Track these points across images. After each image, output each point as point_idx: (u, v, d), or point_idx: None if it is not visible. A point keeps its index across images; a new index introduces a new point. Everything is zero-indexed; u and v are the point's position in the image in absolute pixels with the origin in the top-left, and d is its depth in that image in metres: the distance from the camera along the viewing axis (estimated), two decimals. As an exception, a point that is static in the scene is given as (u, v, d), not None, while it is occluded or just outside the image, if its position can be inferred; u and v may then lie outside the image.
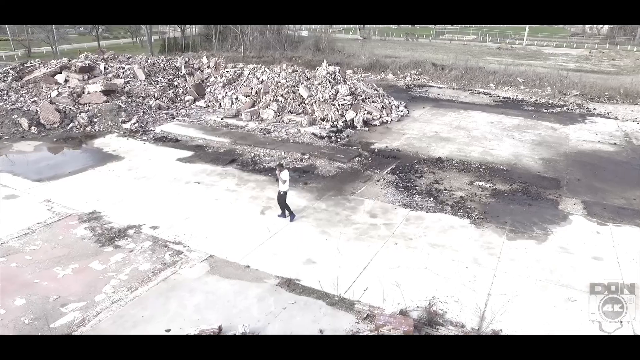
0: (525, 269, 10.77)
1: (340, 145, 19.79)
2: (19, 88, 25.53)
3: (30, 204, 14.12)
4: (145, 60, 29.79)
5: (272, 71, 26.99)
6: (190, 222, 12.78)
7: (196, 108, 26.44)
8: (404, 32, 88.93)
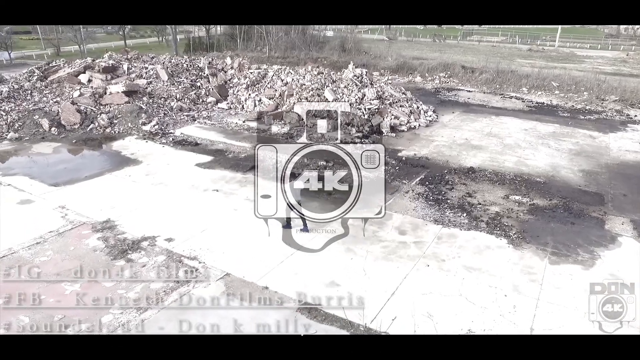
0: (571, 299, 9.69)
1: (367, 152, 18.88)
2: (42, 88, 25.38)
3: (44, 210, 13.63)
4: (169, 60, 29.38)
5: (296, 73, 26.23)
6: (207, 235, 12.06)
7: (218, 110, 25.87)
8: (430, 32, 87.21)
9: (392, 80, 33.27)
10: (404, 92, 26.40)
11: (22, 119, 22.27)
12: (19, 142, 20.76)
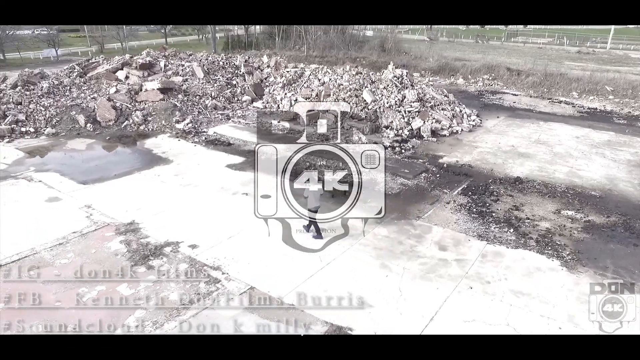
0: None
1: (405, 158, 17.86)
2: (81, 84, 25.44)
3: (70, 210, 13.31)
4: (206, 58, 29.08)
5: (334, 72, 25.40)
6: (233, 243, 11.39)
7: (253, 109, 25.33)
8: (473, 33, 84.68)
9: (433, 82, 32.00)
10: (446, 95, 25.17)
11: (60, 114, 22.32)
12: (56, 138, 20.78)
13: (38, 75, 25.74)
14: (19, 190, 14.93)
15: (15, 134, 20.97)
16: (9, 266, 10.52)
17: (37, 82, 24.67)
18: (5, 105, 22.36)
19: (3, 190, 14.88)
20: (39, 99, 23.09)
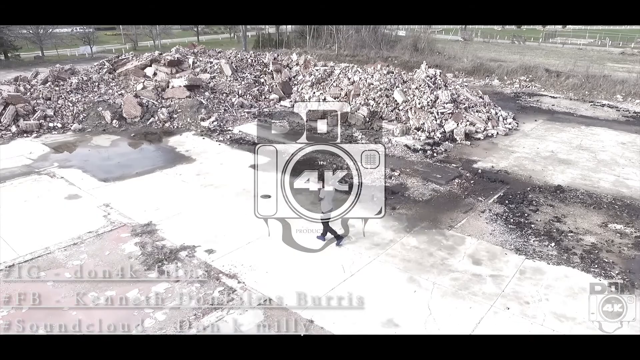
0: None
1: (437, 162, 16.92)
2: (109, 80, 25.39)
3: (88, 208, 12.97)
4: (234, 55, 28.69)
5: (365, 71, 24.59)
6: (252, 249, 10.76)
7: (280, 108, 24.76)
8: (509, 34, 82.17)
9: (467, 83, 30.81)
10: (480, 96, 24.04)
11: (87, 110, 22.26)
12: (82, 134, 20.67)
13: (68, 71, 25.84)
14: (41, 186, 14.73)
15: (43, 129, 20.97)
16: (21, 266, 10.17)
17: (67, 78, 24.73)
18: (35, 100, 22.44)
19: (26, 186, 14.72)
20: (67, 95, 23.10)
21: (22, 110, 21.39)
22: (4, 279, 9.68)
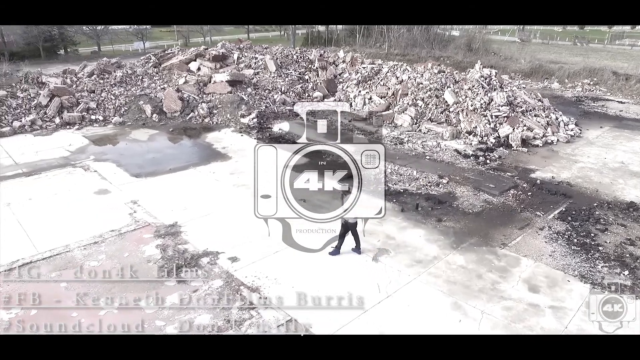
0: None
1: (490, 170, 15.40)
2: (153, 74, 25.19)
3: (115, 205, 12.42)
4: (280, 51, 27.94)
5: (414, 70, 23.21)
6: (280, 259, 9.80)
7: (323, 106, 23.76)
8: (570, 35, 77.74)
9: (524, 85, 28.74)
10: (539, 99, 22.14)
11: (128, 103, 22.07)
12: (121, 127, 20.46)
13: (114, 64, 25.83)
14: (73, 179, 14.40)
15: (85, 122, 20.91)
16: (37, 264, 9.65)
17: (113, 71, 24.70)
18: (80, 93, 22.46)
19: (59, 179, 14.43)
20: (111, 88, 23.03)
21: (67, 103, 21.42)
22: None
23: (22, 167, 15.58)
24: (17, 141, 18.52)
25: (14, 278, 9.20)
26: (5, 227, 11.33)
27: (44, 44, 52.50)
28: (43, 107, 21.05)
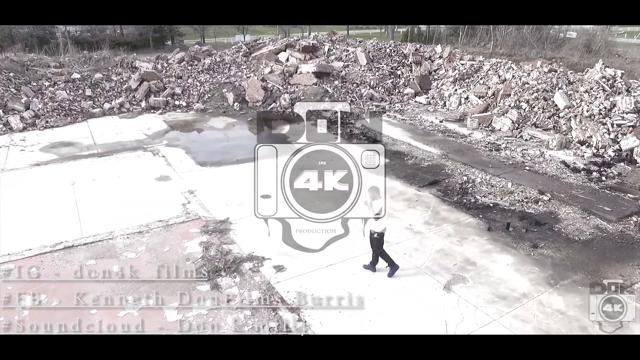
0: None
1: (606, 189, 12.65)
2: (241, 63, 24.84)
3: (172, 194, 11.73)
4: (373, 44, 26.35)
5: (520, 69, 20.49)
6: (331, 274, 8.31)
7: (414, 104, 21.85)
8: None
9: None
10: (677, 109, 18.43)
11: (212, 91, 21.81)
12: (202, 114, 20.16)
13: (205, 52, 25.87)
14: (140, 163, 14.06)
15: (169, 107, 20.91)
16: (77, 249, 9.07)
17: (202, 59, 24.70)
18: (168, 78, 22.59)
19: (127, 162, 14.18)
20: (197, 75, 22.96)
21: (154, 87, 21.58)
22: (51, 262, 8.60)
23: (98, 147, 15.59)
24: (103, 122, 18.83)
25: (50, 261, 8.67)
26: (63, 206, 11.04)
27: (153, 35, 55.52)
28: (132, 91, 21.38)
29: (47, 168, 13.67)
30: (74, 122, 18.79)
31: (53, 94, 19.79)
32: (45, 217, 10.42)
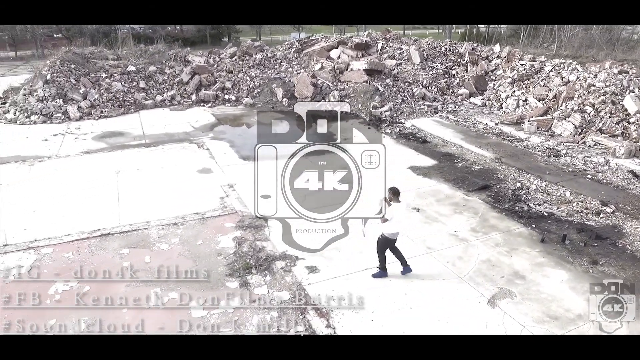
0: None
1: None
2: (292, 59, 24.67)
3: (211, 186, 11.63)
4: (427, 43, 25.49)
5: (585, 70, 19.11)
6: (366, 279, 7.83)
7: (468, 105, 20.89)
8: None
9: None
10: None
11: (262, 86, 21.74)
12: (250, 108, 20.15)
13: (257, 48, 25.89)
14: (185, 154, 14.11)
15: (218, 100, 21.05)
16: (113, 237, 9.06)
17: (254, 54, 24.72)
18: (219, 72, 22.75)
19: (172, 153, 14.28)
20: (248, 70, 22.97)
21: (205, 81, 21.79)
22: (87, 248, 8.61)
23: (146, 138, 15.81)
24: (154, 114, 19.18)
25: (86, 247, 8.69)
26: (105, 194, 11.16)
27: (211, 31, 56.66)
28: (184, 84, 21.68)
29: (96, 156, 13.96)
30: (127, 112, 19.23)
31: (109, 85, 20.34)
32: (87, 204, 10.54)
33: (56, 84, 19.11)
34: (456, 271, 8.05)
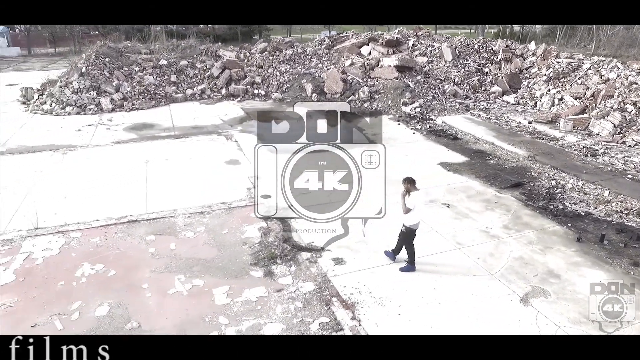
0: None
1: None
2: (322, 55, 24.56)
3: (239, 177, 11.61)
4: (459, 40, 25.00)
5: (626, 67, 18.38)
6: (394, 272, 7.62)
7: (500, 103, 20.35)
8: None
9: None
10: None
11: (291, 81, 21.68)
12: (279, 103, 20.10)
13: (287, 44, 25.87)
14: (213, 146, 14.15)
15: (248, 95, 21.10)
16: (140, 224, 9.10)
17: (284, 50, 24.70)
18: (249, 67, 22.81)
19: (200, 144, 14.35)
20: (278, 65, 22.95)
21: (235, 75, 21.88)
22: (114, 233, 8.68)
23: (176, 130, 15.94)
24: (184, 107, 19.35)
25: (113, 232, 8.75)
26: (134, 182, 11.26)
27: (242, 29, 57.03)
28: (214, 78, 21.82)
29: (126, 146, 14.13)
30: (158, 105, 19.46)
31: (141, 78, 20.63)
32: (116, 192, 10.65)
33: (91, 77, 19.50)
34: (487, 268, 7.77)
